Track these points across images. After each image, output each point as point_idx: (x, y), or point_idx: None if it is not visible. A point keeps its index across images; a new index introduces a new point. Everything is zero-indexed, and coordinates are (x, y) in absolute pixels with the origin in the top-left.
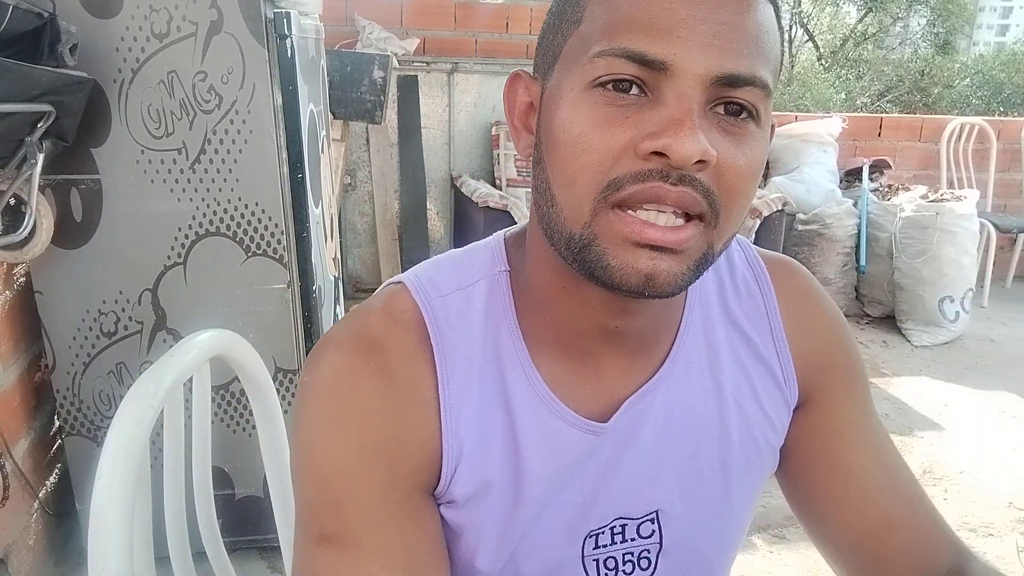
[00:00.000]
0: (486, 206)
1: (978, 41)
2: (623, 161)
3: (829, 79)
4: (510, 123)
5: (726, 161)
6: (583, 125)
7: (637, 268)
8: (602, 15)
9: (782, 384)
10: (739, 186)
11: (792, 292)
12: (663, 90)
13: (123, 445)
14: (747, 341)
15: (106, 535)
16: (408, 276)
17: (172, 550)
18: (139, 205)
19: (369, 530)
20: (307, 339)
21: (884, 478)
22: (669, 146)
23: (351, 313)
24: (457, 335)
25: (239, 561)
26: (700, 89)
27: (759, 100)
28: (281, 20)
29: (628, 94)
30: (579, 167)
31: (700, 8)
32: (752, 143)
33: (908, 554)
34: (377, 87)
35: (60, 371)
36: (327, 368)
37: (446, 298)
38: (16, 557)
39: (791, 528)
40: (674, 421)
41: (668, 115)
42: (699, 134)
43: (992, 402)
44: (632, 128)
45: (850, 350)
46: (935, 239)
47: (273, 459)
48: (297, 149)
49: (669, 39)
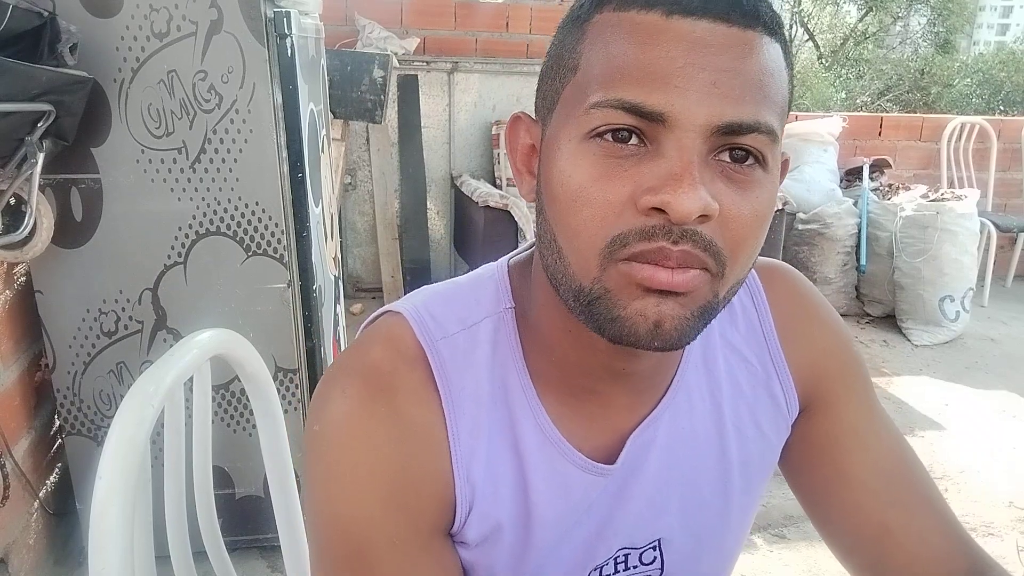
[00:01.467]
0: (486, 205)
1: (978, 40)
2: (625, 215)
3: (829, 78)
4: (512, 166)
5: (730, 212)
6: (582, 178)
7: (645, 315)
8: (598, 63)
9: (781, 403)
10: (745, 236)
11: (786, 302)
12: (662, 141)
13: (123, 444)
14: (745, 363)
15: (106, 535)
16: (407, 309)
17: (172, 549)
18: (139, 204)
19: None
20: (307, 338)
21: (881, 484)
22: (668, 203)
23: (353, 349)
24: (463, 378)
25: (239, 560)
26: (701, 139)
27: (765, 146)
28: (281, 19)
29: (627, 144)
30: (581, 221)
31: (699, 55)
32: (759, 190)
33: (909, 560)
34: (377, 86)
35: (60, 370)
36: (337, 414)
37: (451, 338)
38: (16, 556)
39: (791, 528)
40: (677, 449)
41: (668, 169)
42: (699, 189)
43: (993, 401)
44: (632, 181)
45: (847, 355)
46: (935, 238)
47: (273, 459)
48: (297, 148)
49: (666, 88)
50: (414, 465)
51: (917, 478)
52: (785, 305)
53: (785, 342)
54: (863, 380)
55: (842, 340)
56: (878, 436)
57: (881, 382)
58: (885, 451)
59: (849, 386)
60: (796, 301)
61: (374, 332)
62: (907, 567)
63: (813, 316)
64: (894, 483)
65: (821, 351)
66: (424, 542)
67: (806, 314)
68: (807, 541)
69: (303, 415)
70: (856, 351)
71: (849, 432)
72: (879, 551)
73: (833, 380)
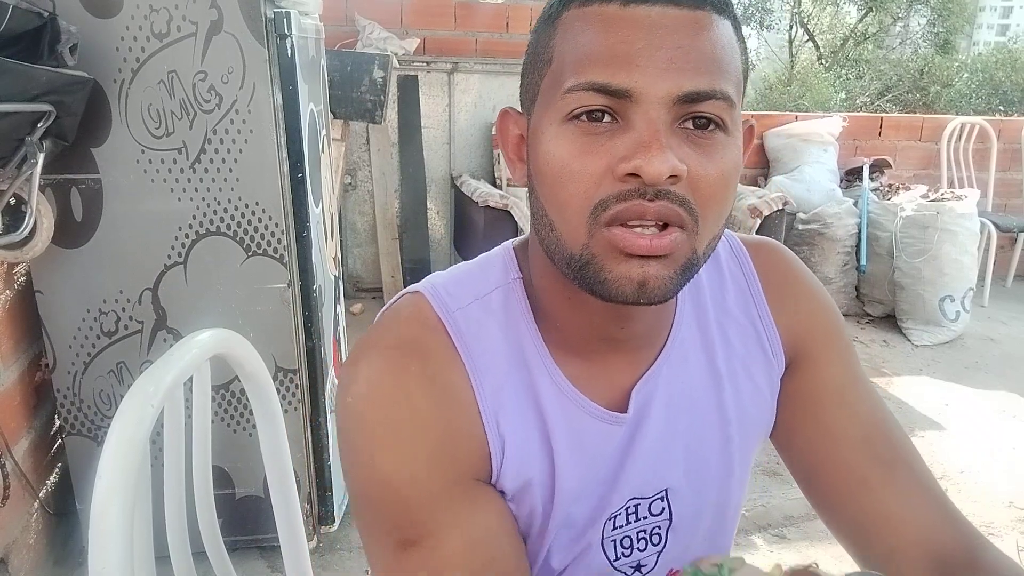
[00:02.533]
0: (486, 205)
1: (978, 41)
2: (604, 184)
3: (829, 79)
4: (505, 156)
5: (697, 171)
6: (564, 156)
7: (630, 277)
8: (569, 52)
9: (769, 355)
10: (713, 193)
11: (773, 271)
12: (631, 115)
13: (123, 444)
14: (735, 322)
15: (106, 535)
16: (424, 287)
17: (172, 549)
18: (139, 204)
19: (448, 525)
20: (307, 338)
21: (859, 437)
22: (640, 167)
23: (378, 323)
24: (481, 343)
25: (239, 560)
26: (664, 110)
27: (723, 111)
28: (281, 20)
29: (601, 122)
30: (568, 194)
31: (656, 36)
32: (722, 151)
33: (887, 518)
34: (377, 87)
35: (60, 370)
36: (373, 375)
37: (465, 309)
38: (16, 556)
39: (791, 528)
40: (677, 402)
41: (637, 138)
42: (667, 152)
43: (993, 401)
44: (608, 153)
45: (830, 318)
46: (935, 238)
47: (273, 459)
48: (297, 149)
49: (629, 68)
50: (451, 423)
51: (897, 440)
52: (771, 272)
53: (772, 303)
54: (846, 343)
55: (825, 304)
56: (859, 396)
57: (881, 382)
58: (866, 411)
59: (832, 347)
60: (782, 268)
61: (395, 309)
62: (885, 521)
63: (798, 281)
64: (875, 441)
65: (806, 312)
66: (470, 487)
67: (791, 280)
68: (807, 541)
69: (303, 415)
70: (839, 317)
71: (832, 390)
72: (858, 505)
73: (816, 340)
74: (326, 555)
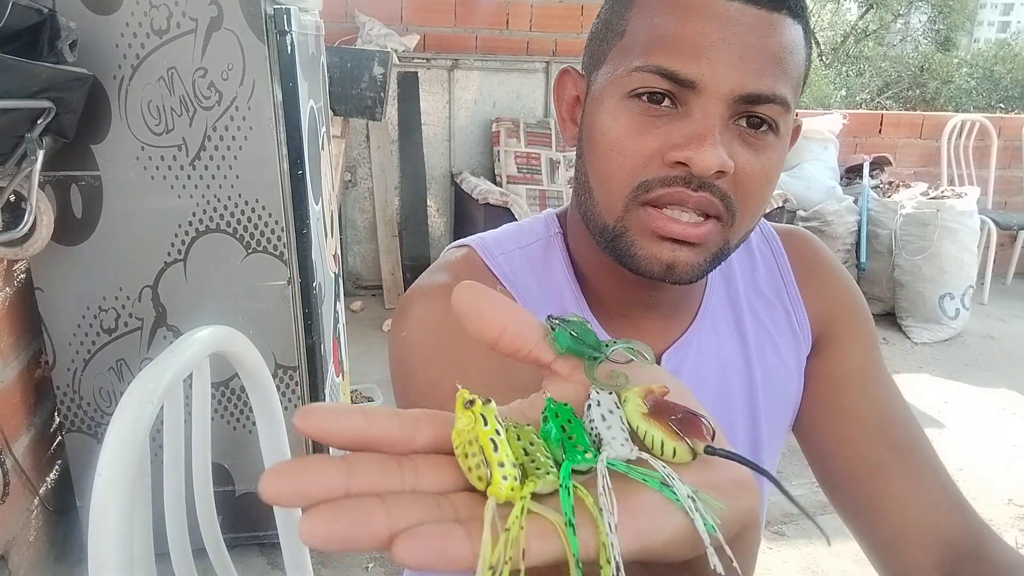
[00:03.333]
0: (486, 203)
1: (979, 38)
2: (652, 166)
3: (829, 76)
4: (558, 114)
5: (744, 169)
6: (619, 132)
7: (660, 258)
8: (643, 30)
9: (797, 333)
10: (755, 190)
11: (804, 257)
12: (691, 104)
13: (123, 441)
14: (764, 300)
15: (106, 531)
16: (471, 240)
17: (172, 546)
18: (139, 202)
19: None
20: (307, 335)
21: (875, 422)
22: (691, 159)
23: (430, 270)
24: (526, 284)
25: (239, 557)
26: (724, 105)
27: (778, 115)
28: (281, 16)
29: (660, 106)
30: (614, 168)
31: (729, 31)
32: (770, 152)
33: (896, 500)
34: (377, 84)
35: (60, 368)
36: (427, 311)
37: (509, 254)
38: (16, 553)
39: (791, 525)
40: (706, 372)
41: (693, 129)
42: (718, 148)
43: (992, 399)
44: (662, 137)
45: (857, 303)
46: (935, 236)
47: (273, 455)
48: (297, 146)
49: (699, 60)
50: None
51: (913, 429)
52: (801, 257)
53: (801, 284)
54: (870, 329)
55: (853, 290)
56: (879, 381)
57: None
58: (885, 397)
59: (857, 331)
60: (812, 253)
61: (443, 258)
62: (894, 504)
63: (827, 267)
64: (891, 426)
65: (834, 295)
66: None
67: (821, 265)
68: (806, 539)
69: None
70: (865, 305)
71: (853, 372)
72: (870, 487)
73: (843, 322)
74: (326, 552)
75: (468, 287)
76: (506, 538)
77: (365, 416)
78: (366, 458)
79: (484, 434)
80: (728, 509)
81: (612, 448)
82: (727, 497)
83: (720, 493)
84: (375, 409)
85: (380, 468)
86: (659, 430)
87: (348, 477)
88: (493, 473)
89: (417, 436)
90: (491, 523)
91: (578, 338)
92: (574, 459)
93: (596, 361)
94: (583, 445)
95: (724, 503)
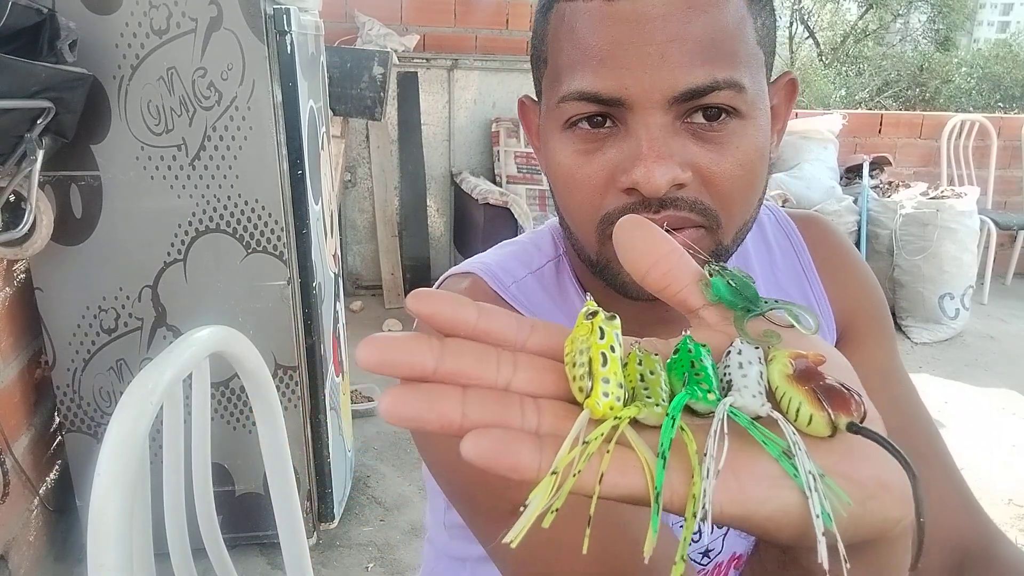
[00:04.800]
0: (486, 203)
1: (979, 38)
2: (609, 195)
3: (829, 75)
4: (532, 143)
5: (710, 170)
6: (568, 166)
7: None
8: (559, 54)
9: (823, 326)
10: (732, 187)
11: (824, 247)
12: (629, 120)
13: (122, 441)
14: (784, 293)
15: (105, 531)
16: (475, 267)
17: (172, 546)
18: (139, 202)
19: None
20: (307, 335)
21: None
22: (638, 182)
23: None
24: (542, 314)
25: (238, 558)
26: (661, 112)
27: (731, 99)
28: (281, 16)
29: (603, 127)
30: (575, 203)
31: (644, 31)
32: (738, 140)
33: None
34: (377, 84)
35: (60, 367)
36: None
37: (521, 282)
38: (16, 553)
39: None
40: None
41: (635, 148)
42: (663, 162)
43: (992, 399)
44: (610, 163)
45: (878, 300)
46: (935, 236)
47: (273, 456)
48: (297, 146)
49: (618, 73)
50: None
51: (931, 432)
52: (821, 247)
53: (823, 275)
54: (891, 327)
55: (875, 286)
56: (900, 383)
57: None
58: (905, 396)
59: (880, 329)
60: (832, 243)
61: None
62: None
63: (849, 259)
64: (911, 431)
65: (855, 289)
66: None
67: (842, 255)
68: None
69: (303, 412)
70: (885, 301)
71: (875, 371)
72: None
73: (867, 319)
74: (326, 552)
75: (637, 221)
76: (582, 451)
77: (479, 308)
78: (464, 345)
79: (597, 347)
80: (861, 508)
81: (740, 396)
82: (864, 495)
83: (856, 488)
84: (492, 307)
85: (475, 357)
86: (800, 394)
87: (439, 359)
88: (595, 386)
89: (531, 339)
90: (575, 436)
91: (735, 289)
92: (694, 395)
93: (749, 314)
94: (708, 384)
95: (856, 499)
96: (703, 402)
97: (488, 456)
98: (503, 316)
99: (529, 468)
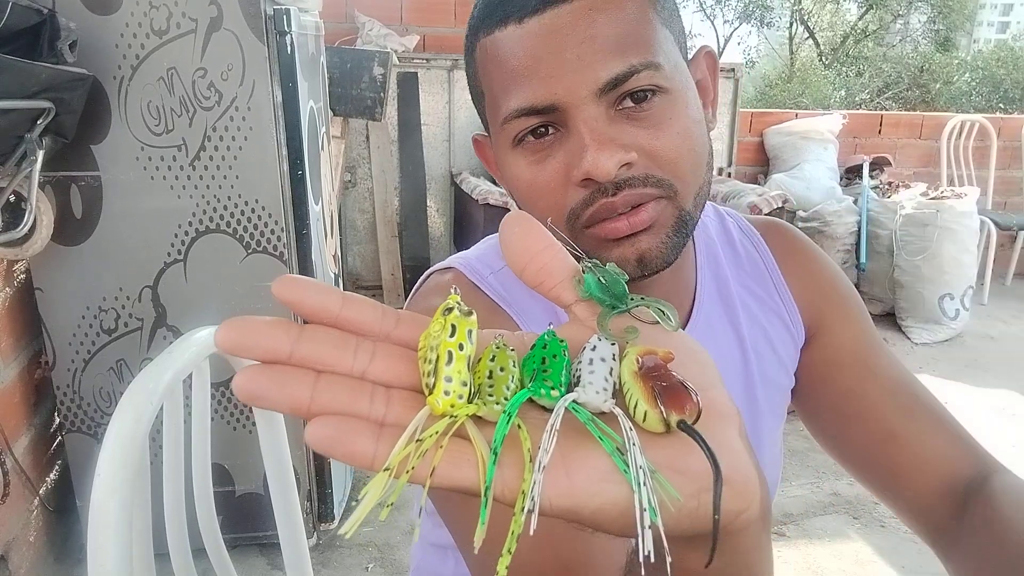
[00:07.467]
0: (486, 203)
1: (979, 39)
2: (569, 193)
3: (829, 76)
4: (493, 174)
5: (652, 146)
6: (526, 178)
7: (626, 257)
8: (492, 83)
9: (790, 326)
10: (676, 156)
11: (785, 248)
12: (568, 122)
13: (122, 441)
14: (755, 296)
15: (105, 531)
16: (457, 261)
17: (172, 547)
18: (139, 202)
19: None
20: None
21: (885, 396)
22: (589, 172)
23: (421, 296)
24: (520, 302)
25: (239, 558)
26: (593, 105)
27: (651, 79)
28: (281, 17)
29: (547, 136)
30: (541, 209)
31: (556, 41)
32: (670, 113)
33: (916, 461)
34: (377, 84)
35: (60, 368)
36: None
37: (499, 273)
38: (16, 553)
39: (791, 525)
40: None
41: (579, 143)
42: (607, 147)
43: (992, 399)
44: (561, 164)
45: (844, 288)
46: (935, 236)
47: (273, 456)
48: (297, 146)
49: (545, 82)
50: None
51: (920, 390)
52: (783, 249)
53: (787, 276)
54: (862, 312)
55: (838, 276)
56: (879, 358)
57: None
58: (885, 370)
59: (849, 315)
60: (793, 244)
61: (432, 282)
62: (915, 468)
63: (810, 256)
64: (896, 393)
65: (819, 283)
66: None
67: (803, 254)
68: (807, 539)
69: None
70: (850, 285)
71: (851, 356)
72: (887, 456)
73: (834, 309)
74: (326, 552)
75: (519, 217)
76: (415, 448)
77: (344, 298)
78: (323, 332)
79: (446, 344)
80: (696, 501)
81: (584, 392)
82: (698, 488)
83: (690, 481)
84: (359, 296)
85: (332, 343)
86: (639, 390)
87: (296, 343)
88: (437, 384)
89: (396, 330)
90: (410, 433)
91: (605, 285)
92: (536, 391)
93: (614, 311)
94: (554, 382)
95: (689, 492)
96: (546, 398)
97: (327, 443)
98: (367, 305)
99: (365, 456)
